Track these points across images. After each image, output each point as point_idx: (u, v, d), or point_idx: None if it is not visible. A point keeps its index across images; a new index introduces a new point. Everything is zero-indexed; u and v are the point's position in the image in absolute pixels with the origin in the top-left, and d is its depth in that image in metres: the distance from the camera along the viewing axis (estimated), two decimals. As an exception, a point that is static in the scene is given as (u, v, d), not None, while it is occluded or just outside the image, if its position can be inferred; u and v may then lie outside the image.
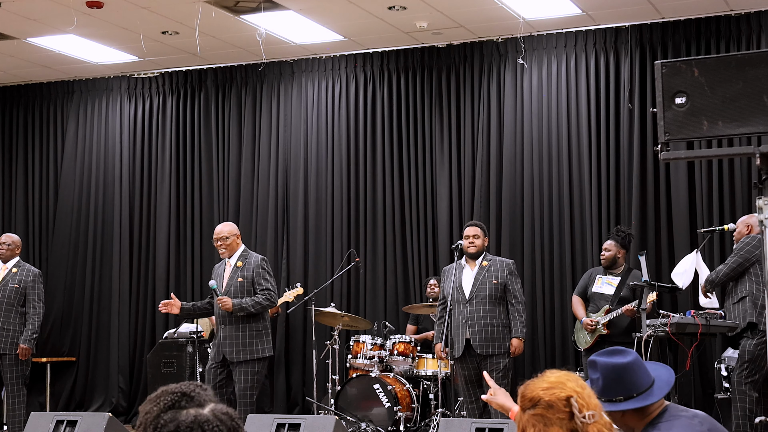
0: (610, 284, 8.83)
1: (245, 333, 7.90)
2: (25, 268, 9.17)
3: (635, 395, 3.45)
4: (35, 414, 7.77)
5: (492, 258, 8.30)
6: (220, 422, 2.24)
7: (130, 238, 11.86)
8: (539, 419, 2.84)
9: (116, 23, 9.96)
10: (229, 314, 7.91)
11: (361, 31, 10.37)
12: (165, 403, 2.26)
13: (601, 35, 10.26)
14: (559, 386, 2.87)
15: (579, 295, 9.03)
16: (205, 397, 2.29)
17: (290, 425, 7.04)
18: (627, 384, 3.45)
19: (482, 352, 8.01)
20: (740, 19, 9.75)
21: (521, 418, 2.90)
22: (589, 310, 8.87)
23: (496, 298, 8.10)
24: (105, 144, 12.05)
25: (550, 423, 2.83)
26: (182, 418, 2.22)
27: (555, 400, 2.85)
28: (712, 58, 5.77)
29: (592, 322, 8.64)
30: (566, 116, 10.31)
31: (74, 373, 11.89)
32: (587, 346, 8.73)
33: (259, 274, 7.99)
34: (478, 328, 8.04)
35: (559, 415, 2.83)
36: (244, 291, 7.95)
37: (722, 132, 5.35)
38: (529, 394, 2.89)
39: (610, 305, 8.67)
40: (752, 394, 7.67)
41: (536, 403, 2.86)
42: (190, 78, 11.79)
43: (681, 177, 9.86)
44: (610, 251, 8.89)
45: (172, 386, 2.32)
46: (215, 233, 8.15)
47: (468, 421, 7.03)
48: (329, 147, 11.17)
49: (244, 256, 8.11)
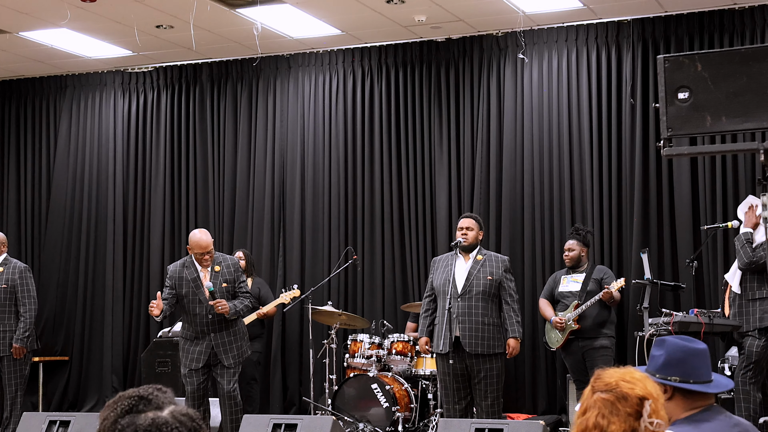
0: (576, 281, 9.04)
1: (235, 336, 8.05)
2: (11, 265, 9.06)
3: (690, 381, 3.49)
4: (27, 414, 7.82)
5: (487, 253, 8.11)
6: (180, 423, 2.23)
7: (124, 235, 11.81)
8: (607, 405, 2.86)
9: (110, 17, 9.93)
10: (218, 320, 7.93)
11: (359, 25, 10.32)
12: (122, 408, 2.25)
13: (602, 29, 10.21)
14: (640, 384, 2.90)
15: (546, 298, 9.22)
16: (164, 399, 2.29)
17: (287, 425, 7.04)
18: (687, 368, 3.50)
19: (472, 351, 7.77)
20: (744, 13, 9.68)
21: (588, 397, 2.92)
22: (557, 311, 9.03)
23: (489, 294, 7.87)
24: (98, 140, 12.01)
25: (615, 413, 2.84)
26: (140, 422, 2.21)
27: (632, 394, 2.86)
28: (715, 53, 5.74)
29: (561, 320, 8.82)
30: (567, 112, 10.26)
31: (67, 373, 11.85)
32: (559, 344, 8.92)
33: (239, 278, 8.07)
34: (469, 325, 7.79)
35: (628, 410, 2.85)
36: (229, 297, 8.01)
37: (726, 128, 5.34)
38: (608, 379, 2.91)
39: (578, 300, 8.85)
40: (757, 395, 7.58)
41: (611, 390, 2.87)
42: (185, 73, 11.73)
43: (684, 173, 9.80)
44: (574, 251, 9.11)
45: (129, 391, 2.31)
46: (205, 245, 7.91)
47: (467, 422, 6.97)
48: (326, 143, 11.12)
49: (216, 259, 8.05)
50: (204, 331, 7.94)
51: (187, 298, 7.94)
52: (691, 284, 9.35)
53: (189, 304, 7.94)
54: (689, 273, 8.86)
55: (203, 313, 7.90)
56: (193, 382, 7.94)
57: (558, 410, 9.94)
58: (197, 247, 7.89)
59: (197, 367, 7.92)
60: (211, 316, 7.89)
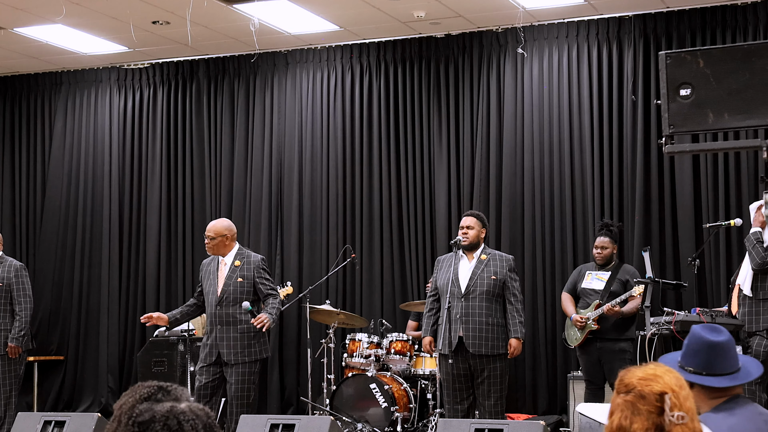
0: (600, 279, 8.76)
1: (243, 335, 7.84)
2: (6, 264, 8.99)
3: (704, 374, 3.51)
4: (22, 414, 7.81)
5: (491, 252, 8.03)
6: (195, 417, 2.30)
7: (120, 233, 11.77)
8: (628, 406, 2.87)
9: (105, 12, 9.90)
10: (226, 315, 7.85)
11: (357, 21, 10.29)
12: (141, 395, 2.33)
13: (603, 25, 10.16)
14: (656, 379, 2.90)
15: (569, 292, 8.96)
16: (182, 393, 2.37)
17: (284, 426, 6.99)
18: (704, 360, 3.52)
19: (475, 351, 7.70)
20: (747, 9, 9.64)
21: (614, 400, 2.94)
22: (579, 307, 8.79)
23: (493, 294, 7.79)
24: (94, 137, 11.96)
25: (637, 413, 2.85)
26: (158, 409, 2.29)
27: (649, 392, 2.87)
28: (717, 49, 5.75)
29: (582, 318, 8.55)
30: (568, 109, 10.22)
31: (62, 373, 11.80)
32: (578, 343, 8.66)
33: (260, 275, 7.96)
34: (472, 325, 7.73)
35: (649, 407, 2.85)
36: (244, 291, 7.90)
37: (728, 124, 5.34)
38: (626, 380, 2.93)
39: (600, 300, 8.59)
40: (762, 395, 7.50)
41: (630, 390, 2.89)
42: (182, 69, 11.69)
43: (686, 171, 9.76)
44: (607, 249, 8.79)
45: (148, 381, 2.39)
46: (207, 227, 8.08)
47: (467, 422, 6.93)
48: (324, 140, 11.07)
49: (241, 254, 8.04)
50: (212, 324, 7.92)
51: (205, 290, 8.03)
52: (694, 283, 9.29)
53: (206, 296, 8.01)
54: (691, 271, 8.80)
55: (213, 306, 7.92)
56: (201, 379, 7.89)
57: (558, 410, 9.89)
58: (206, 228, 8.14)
59: (208, 362, 7.85)
60: (219, 308, 7.87)
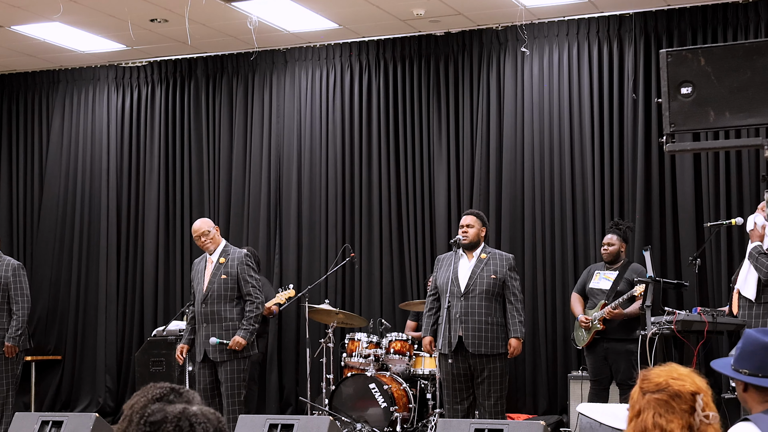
0: (608, 279, 8.71)
1: (228, 332, 7.88)
2: (4, 263, 8.95)
3: (760, 375, 3.49)
4: (20, 414, 7.75)
5: (491, 251, 7.99)
6: (207, 420, 2.32)
7: (118, 232, 11.76)
8: (662, 405, 2.91)
9: (103, 10, 9.90)
10: (211, 313, 7.90)
11: (357, 19, 10.27)
12: (153, 395, 2.36)
13: (604, 23, 10.15)
14: (689, 380, 2.95)
15: (578, 293, 8.92)
16: (194, 396, 2.39)
17: (283, 426, 6.96)
18: (759, 361, 3.50)
19: (475, 351, 7.65)
20: (748, 7, 9.62)
21: (639, 399, 2.97)
22: (587, 307, 8.76)
23: (493, 294, 7.75)
24: (92, 135, 11.95)
25: (672, 411, 2.90)
26: (170, 410, 2.31)
27: (684, 391, 2.92)
28: (718, 47, 5.74)
29: (587, 319, 8.53)
30: (568, 107, 10.20)
31: (60, 372, 11.79)
32: (585, 344, 8.62)
33: (244, 271, 7.98)
34: (472, 325, 7.68)
35: (683, 406, 2.91)
36: (228, 288, 7.94)
37: (729, 123, 5.34)
38: (656, 379, 2.96)
39: (606, 300, 8.54)
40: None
41: (663, 389, 2.93)
42: (180, 67, 11.68)
43: (687, 169, 9.74)
44: (613, 245, 8.77)
45: (160, 383, 2.42)
46: (195, 231, 8.14)
47: (467, 422, 6.90)
48: (323, 139, 11.06)
49: (226, 251, 8.10)
50: (199, 322, 7.99)
51: (194, 289, 8.09)
52: (695, 282, 9.26)
53: (195, 294, 8.06)
54: (692, 271, 8.75)
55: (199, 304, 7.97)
56: (200, 381, 7.94)
57: (559, 410, 9.86)
58: (193, 233, 8.17)
59: (198, 360, 7.92)
60: (204, 306, 7.91)
